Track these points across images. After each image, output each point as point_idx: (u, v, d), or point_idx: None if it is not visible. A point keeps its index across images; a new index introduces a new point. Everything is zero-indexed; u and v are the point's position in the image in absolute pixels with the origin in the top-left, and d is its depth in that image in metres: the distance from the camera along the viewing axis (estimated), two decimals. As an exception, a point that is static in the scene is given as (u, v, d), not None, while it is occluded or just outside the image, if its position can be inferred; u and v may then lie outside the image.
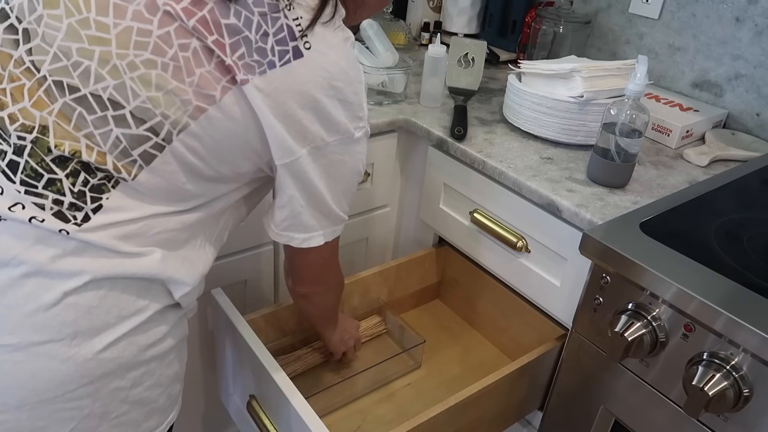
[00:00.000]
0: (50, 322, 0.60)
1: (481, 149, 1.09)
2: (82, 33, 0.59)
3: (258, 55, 0.62)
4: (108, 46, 0.59)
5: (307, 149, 0.68)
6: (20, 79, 0.60)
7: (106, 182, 0.62)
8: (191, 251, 0.70)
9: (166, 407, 0.73)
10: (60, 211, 0.60)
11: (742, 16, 1.19)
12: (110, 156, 0.61)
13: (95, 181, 0.61)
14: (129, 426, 0.68)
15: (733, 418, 0.73)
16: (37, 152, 0.60)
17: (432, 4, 1.65)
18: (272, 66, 0.63)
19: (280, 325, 1.10)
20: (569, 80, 1.08)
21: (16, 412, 0.60)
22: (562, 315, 1.02)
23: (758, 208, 0.95)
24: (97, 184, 0.61)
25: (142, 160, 0.62)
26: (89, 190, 0.61)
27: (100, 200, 0.61)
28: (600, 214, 0.91)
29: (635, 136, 0.94)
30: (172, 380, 0.73)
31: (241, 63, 0.61)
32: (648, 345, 0.78)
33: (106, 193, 0.62)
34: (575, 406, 0.94)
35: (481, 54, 1.34)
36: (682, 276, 0.74)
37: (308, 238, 0.76)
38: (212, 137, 0.64)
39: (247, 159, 0.69)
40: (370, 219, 1.32)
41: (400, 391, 1.14)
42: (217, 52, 0.61)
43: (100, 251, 0.62)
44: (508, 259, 1.09)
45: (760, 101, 1.19)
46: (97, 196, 0.61)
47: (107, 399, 0.65)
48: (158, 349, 0.68)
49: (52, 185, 0.60)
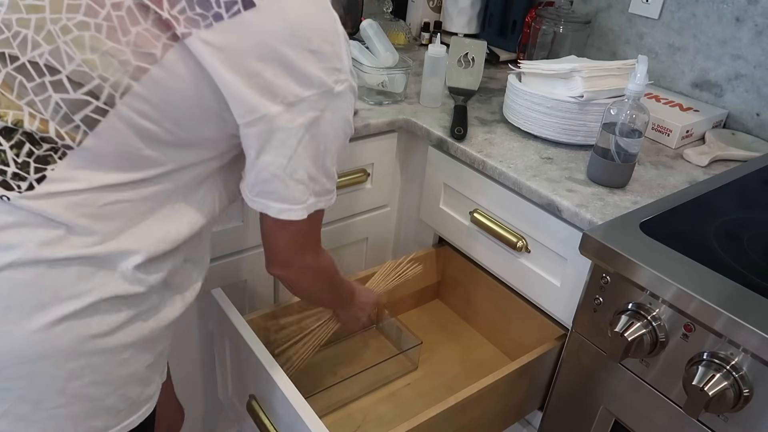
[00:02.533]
0: None
1: (481, 149, 1.09)
2: (20, 4, 0.60)
3: (201, 8, 0.59)
4: (42, 13, 0.59)
5: (280, 107, 0.63)
6: None
7: (52, 153, 0.60)
8: (155, 224, 0.66)
9: (120, 410, 0.68)
10: (4, 180, 0.59)
11: (743, 16, 1.19)
12: (52, 123, 0.60)
13: (40, 152, 0.60)
14: (68, 419, 0.64)
15: (733, 418, 0.73)
16: None
17: (432, 4, 1.65)
18: (219, 18, 0.59)
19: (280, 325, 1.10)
20: (569, 80, 1.08)
21: None
22: (562, 315, 1.02)
23: (758, 208, 0.95)
24: (42, 155, 0.60)
25: (85, 125, 0.60)
26: (34, 161, 0.60)
27: (44, 171, 0.60)
28: (600, 214, 0.91)
29: (635, 136, 0.94)
30: (127, 381, 0.67)
31: (182, 17, 0.59)
32: (648, 345, 0.78)
33: (52, 164, 0.60)
34: (575, 406, 0.94)
35: (481, 54, 1.34)
36: (682, 276, 0.74)
37: (286, 210, 0.70)
38: (162, 99, 0.61)
39: (210, 122, 0.65)
40: (370, 219, 1.32)
41: (400, 391, 1.14)
42: (153, 7, 0.59)
43: (42, 222, 0.60)
44: (508, 259, 1.09)
45: (760, 101, 1.19)
46: (41, 167, 0.60)
47: (41, 386, 0.62)
48: (104, 343, 0.64)
49: None
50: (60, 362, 0.62)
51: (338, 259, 1.33)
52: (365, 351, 1.22)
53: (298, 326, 1.07)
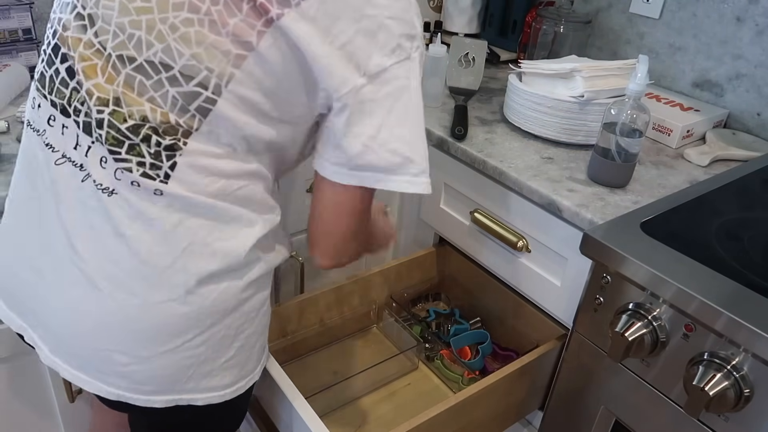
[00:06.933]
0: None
1: (481, 149, 1.09)
2: (130, 6, 0.64)
3: None
4: (151, 14, 0.63)
5: (365, 78, 0.64)
6: (92, 59, 0.65)
7: (177, 142, 0.64)
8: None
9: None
10: (144, 172, 0.65)
11: (743, 16, 1.19)
12: (172, 114, 0.64)
13: (167, 142, 0.64)
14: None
15: (733, 418, 0.73)
16: (114, 123, 0.64)
17: (432, 4, 1.65)
18: None
19: (281, 325, 1.10)
20: (570, 80, 1.08)
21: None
22: (563, 315, 1.02)
23: (759, 207, 0.95)
24: (169, 143, 0.64)
25: (200, 114, 0.64)
26: (164, 150, 0.65)
27: (174, 157, 0.65)
28: (600, 214, 0.91)
29: (636, 135, 0.94)
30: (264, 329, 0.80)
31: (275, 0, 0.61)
32: (648, 345, 0.78)
33: (178, 150, 0.65)
34: (575, 406, 0.94)
35: (482, 54, 1.34)
36: (683, 276, 0.74)
37: (385, 180, 0.68)
38: (259, 83, 0.64)
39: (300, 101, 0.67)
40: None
41: (400, 391, 1.14)
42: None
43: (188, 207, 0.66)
44: (509, 259, 1.09)
45: (761, 101, 1.19)
46: (171, 154, 0.65)
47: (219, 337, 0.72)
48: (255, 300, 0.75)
49: (132, 150, 0.65)
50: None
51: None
52: (365, 351, 1.22)
53: None
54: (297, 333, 1.13)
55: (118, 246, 0.66)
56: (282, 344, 1.11)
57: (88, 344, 0.69)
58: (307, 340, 1.16)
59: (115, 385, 0.69)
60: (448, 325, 1.26)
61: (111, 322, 0.67)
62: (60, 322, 0.70)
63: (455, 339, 1.19)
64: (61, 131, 0.68)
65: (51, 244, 0.69)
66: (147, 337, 0.68)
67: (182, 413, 0.73)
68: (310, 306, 1.13)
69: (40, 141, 0.70)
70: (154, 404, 0.71)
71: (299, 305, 1.10)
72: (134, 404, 0.70)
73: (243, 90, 0.64)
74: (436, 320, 1.28)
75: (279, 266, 1.22)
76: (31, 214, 0.71)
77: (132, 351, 0.68)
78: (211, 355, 0.71)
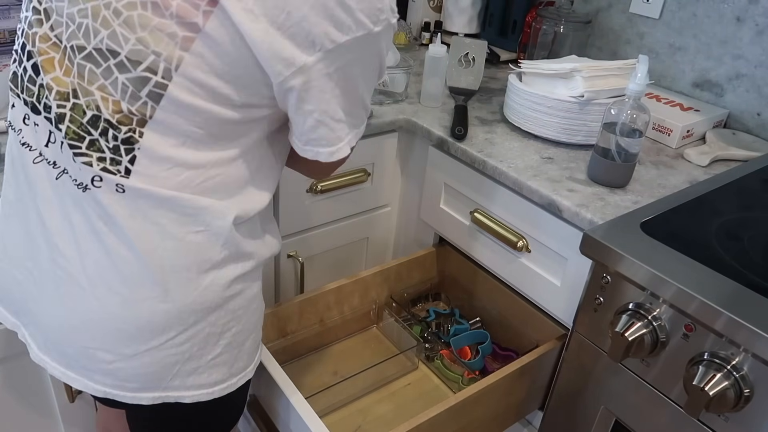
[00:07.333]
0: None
1: (481, 149, 1.09)
2: None
3: None
4: (96, 0, 0.62)
5: (318, 54, 0.62)
6: (48, 53, 0.65)
7: (132, 134, 0.63)
8: (251, 190, 0.72)
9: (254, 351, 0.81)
10: (105, 167, 0.63)
11: (743, 16, 1.19)
12: (124, 102, 0.62)
13: (122, 135, 0.63)
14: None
15: (733, 418, 0.73)
16: (76, 117, 0.64)
17: (432, 4, 1.65)
18: None
19: (280, 325, 1.10)
20: (570, 80, 1.08)
21: None
22: (563, 315, 1.02)
23: (759, 207, 0.95)
24: (125, 137, 0.63)
25: (152, 100, 0.62)
26: (121, 143, 0.63)
27: (133, 151, 0.63)
28: (600, 214, 0.91)
29: (636, 135, 0.94)
30: (256, 326, 0.80)
31: None
32: (648, 345, 0.78)
33: (136, 143, 0.63)
34: (575, 406, 0.94)
35: (482, 54, 1.34)
36: (683, 276, 0.74)
37: (335, 151, 0.71)
38: (212, 66, 0.61)
39: (263, 81, 0.64)
40: (371, 219, 1.32)
41: (400, 391, 1.14)
42: None
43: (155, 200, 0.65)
44: (509, 259, 1.09)
45: (761, 101, 1.19)
46: (129, 147, 0.63)
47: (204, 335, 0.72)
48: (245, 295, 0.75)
49: (93, 146, 0.64)
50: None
51: (338, 258, 1.33)
52: (365, 351, 1.22)
53: None
54: (297, 333, 1.13)
55: (95, 243, 0.66)
56: (282, 344, 1.11)
57: (73, 342, 0.69)
58: (307, 340, 1.16)
59: (101, 382, 0.70)
60: (448, 325, 1.26)
61: (94, 320, 0.67)
62: (48, 320, 0.70)
63: (455, 339, 1.19)
64: (35, 129, 0.68)
65: (37, 242, 0.69)
66: (129, 335, 0.67)
67: (173, 409, 0.73)
68: (310, 306, 1.13)
69: (17, 140, 0.70)
70: (141, 401, 0.71)
71: (299, 305, 1.10)
72: (122, 401, 0.71)
73: (196, 73, 0.61)
74: (436, 320, 1.28)
75: (278, 266, 1.21)
76: (20, 214, 0.71)
77: (116, 349, 0.68)
78: (197, 352, 0.71)
